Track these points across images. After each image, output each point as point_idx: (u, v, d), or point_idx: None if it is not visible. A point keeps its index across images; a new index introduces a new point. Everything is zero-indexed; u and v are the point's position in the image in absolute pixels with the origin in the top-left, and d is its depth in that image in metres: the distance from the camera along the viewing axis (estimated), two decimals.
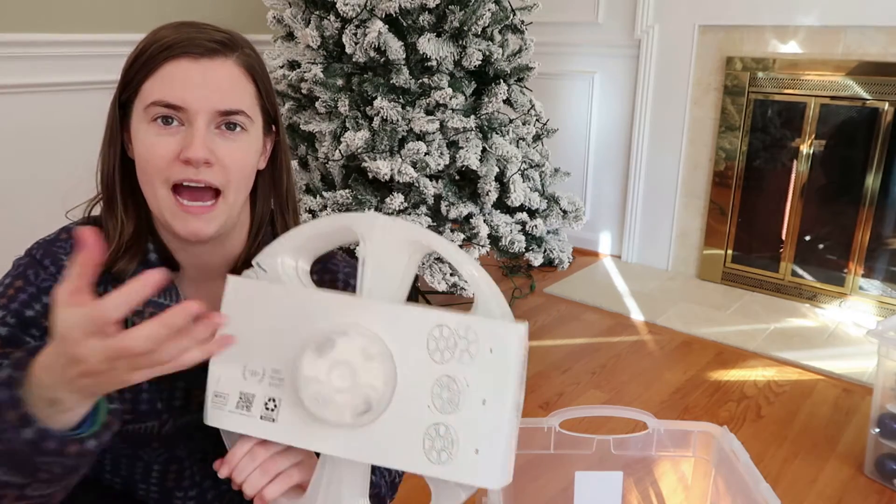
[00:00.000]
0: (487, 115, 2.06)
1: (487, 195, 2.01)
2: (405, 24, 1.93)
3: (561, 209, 2.22)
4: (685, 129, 2.87)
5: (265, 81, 0.78)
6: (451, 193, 2.01)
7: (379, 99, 1.91)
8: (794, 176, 2.66)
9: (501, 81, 2.08)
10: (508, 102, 2.17)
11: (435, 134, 1.96)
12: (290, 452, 0.72)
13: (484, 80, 2.10)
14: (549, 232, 2.24)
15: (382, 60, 1.94)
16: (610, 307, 2.65)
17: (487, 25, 1.97)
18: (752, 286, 2.82)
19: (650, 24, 2.84)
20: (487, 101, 2.04)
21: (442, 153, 1.96)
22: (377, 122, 1.92)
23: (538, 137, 2.29)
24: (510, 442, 0.65)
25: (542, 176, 2.26)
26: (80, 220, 0.82)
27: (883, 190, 2.46)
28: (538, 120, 2.27)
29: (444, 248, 0.68)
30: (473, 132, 2.01)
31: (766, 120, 2.68)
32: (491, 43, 2.05)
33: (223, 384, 0.70)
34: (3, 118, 2.09)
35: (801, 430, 1.87)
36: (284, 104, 2.10)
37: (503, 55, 2.10)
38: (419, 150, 1.89)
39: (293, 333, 0.68)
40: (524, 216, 2.12)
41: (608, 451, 1.24)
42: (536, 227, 2.11)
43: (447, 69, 2.00)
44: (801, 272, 2.71)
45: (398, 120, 1.92)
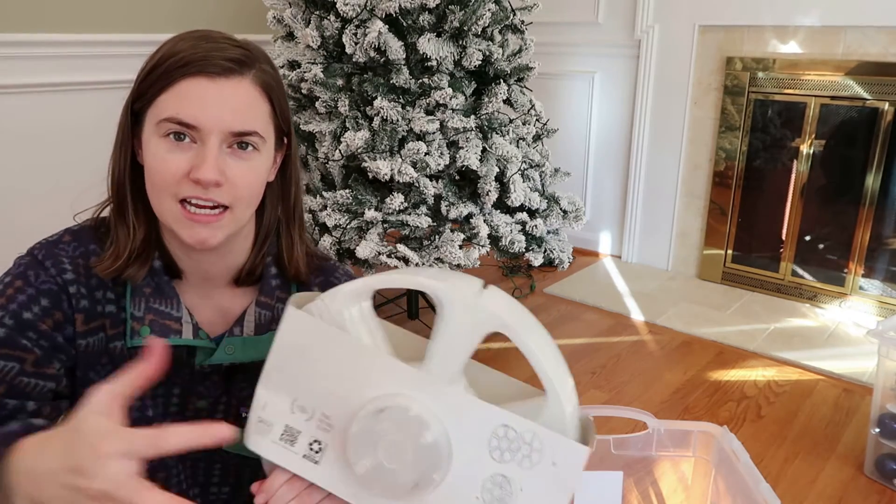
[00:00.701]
0: (487, 115, 2.06)
1: (487, 195, 2.01)
2: (405, 24, 1.93)
3: (561, 209, 2.22)
4: (685, 129, 2.87)
5: (280, 98, 0.78)
6: (451, 193, 2.01)
7: (379, 99, 1.91)
8: (794, 176, 2.66)
9: (501, 81, 2.08)
10: (508, 102, 2.17)
11: (435, 134, 1.96)
12: None
13: (484, 80, 2.10)
14: (549, 232, 2.23)
15: (382, 60, 1.94)
16: (610, 307, 2.65)
17: (487, 25, 1.97)
18: (752, 286, 2.82)
19: (650, 24, 2.84)
20: (487, 101, 2.04)
21: (442, 153, 1.96)
22: (377, 122, 1.92)
23: (538, 137, 2.29)
24: None
25: (542, 176, 2.26)
26: (87, 221, 0.82)
27: (883, 190, 2.46)
28: (538, 120, 2.27)
29: (527, 344, 0.63)
30: (473, 132, 2.01)
31: (766, 120, 2.68)
32: (491, 43, 2.05)
33: (269, 412, 0.68)
34: (3, 118, 2.09)
35: (801, 430, 1.87)
36: None
37: (503, 55, 2.10)
38: (419, 150, 1.89)
39: (352, 389, 0.65)
40: (524, 216, 2.12)
41: (608, 450, 1.24)
42: (536, 227, 2.11)
43: (447, 69, 2.00)
44: (801, 272, 2.71)
45: (398, 120, 1.92)
